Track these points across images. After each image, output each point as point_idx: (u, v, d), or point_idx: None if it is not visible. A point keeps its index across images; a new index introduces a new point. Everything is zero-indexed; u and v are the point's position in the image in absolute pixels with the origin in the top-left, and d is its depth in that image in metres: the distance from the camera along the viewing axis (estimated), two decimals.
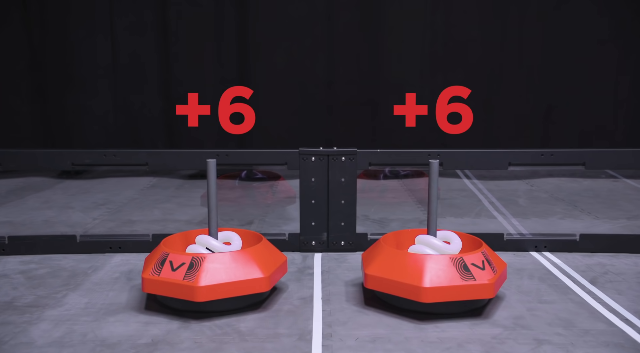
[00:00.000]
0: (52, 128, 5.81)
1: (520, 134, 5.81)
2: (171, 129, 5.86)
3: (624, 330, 2.34)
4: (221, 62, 5.74)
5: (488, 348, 2.19)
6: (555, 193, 4.97)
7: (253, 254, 2.53)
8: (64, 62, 5.62)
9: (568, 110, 5.74)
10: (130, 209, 4.48)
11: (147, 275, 2.48)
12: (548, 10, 5.64)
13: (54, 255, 3.26)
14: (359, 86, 5.79)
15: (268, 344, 2.22)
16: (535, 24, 5.70)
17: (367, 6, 5.71)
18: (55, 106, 5.75)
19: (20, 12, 5.53)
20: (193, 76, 5.74)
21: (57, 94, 5.71)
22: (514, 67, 5.78)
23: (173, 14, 5.64)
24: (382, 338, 2.27)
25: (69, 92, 5.70)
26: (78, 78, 5.68)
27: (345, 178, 3.28)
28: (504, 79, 5.80)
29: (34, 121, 5.71)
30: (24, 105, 5.63)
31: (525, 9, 5.69)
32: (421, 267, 2.41)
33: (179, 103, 2.87)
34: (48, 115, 5.78)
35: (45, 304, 2.60)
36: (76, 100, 5.69)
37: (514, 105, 5.79)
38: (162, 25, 5.68)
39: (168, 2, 5.62)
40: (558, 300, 2.65)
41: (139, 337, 2.28)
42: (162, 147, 5.72)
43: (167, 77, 5.77)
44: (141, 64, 5.74)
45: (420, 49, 5.77)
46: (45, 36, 5.62)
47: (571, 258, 3.24)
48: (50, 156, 3.30)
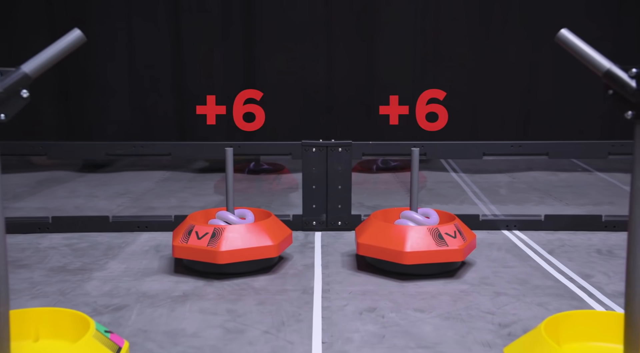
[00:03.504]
0: (74, 126, 6.32)
1: (502, 135, 6.30)
2: (183, 128, 6.38)
3: (567, 285, 2.86)
4: (229, 65, 6.25)
5: (456, 298, 2.71)
6: (533, 185, 5.48)
7: (264, 226, 3.05)
8: (85, 67, 6.13)
9: (546, 115, 6.24)
10: (149, 198, 4.99)
11: (177, 243, 3.00)
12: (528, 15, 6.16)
13: (91, 233, 3.78)
14: (356, 88, 6.30)
15: (278, 296, 2.74)
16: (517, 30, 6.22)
17: (363, 14, 6.23)
18: (77, 106, 6.27)
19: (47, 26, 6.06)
20: (203, 78, 6.26)
21: (78, 95, 6.23)
22: (499, 71, 6.28)
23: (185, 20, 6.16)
24: (370, 292, 2.79)
25: (90, 94, 6.22)
26: (98, 81, 6.20)
27: (341, 167, 3.80)
28: (489, 82, 6.30)
29: (59, 119, 6.23)
30: (50, 106, 6.15)
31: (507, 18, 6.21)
32: (403, 235, 2.93)
33: (192, 102, 3.35)
34: (70, 114, 6.30)
35: (92, 268, 3.12)
36: (97, 101, 6.21)
37: (498, 106, 6.30)
38: (175, 31, 6.19)
39: (180, 8, 6.13)
40: (518, 265, 3.17)
41: (173, 291, 2.80)
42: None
43: (179, 80, 6.28)
44: (156, 67, 6.25)
45: (412, 52, 6.29)
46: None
47: (536, 235, 3.76)
48: (88, 147, 3.82)
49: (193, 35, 6.21)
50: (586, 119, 6.20)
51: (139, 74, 6.25)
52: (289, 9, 6.17)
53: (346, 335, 2.32)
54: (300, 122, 6.21)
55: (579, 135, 5.99)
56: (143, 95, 6.29)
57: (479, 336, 2.31)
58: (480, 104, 6.28)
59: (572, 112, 6.23)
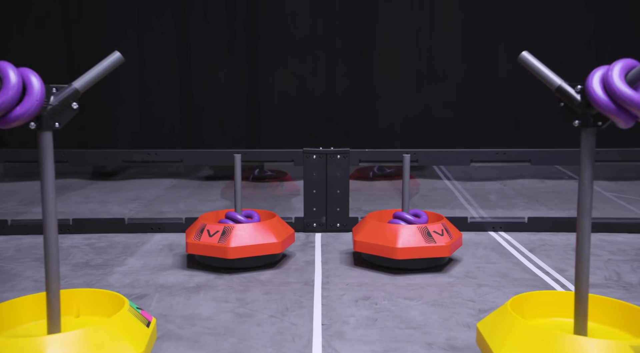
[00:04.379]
0: (87, 135, 6.65)
1: (492, 142, 6.63)
2: (190, 138, 6.70)
3: (543, 278, 3.17)
4: (233, 77, 6.59)
5: (442, 289, 3.01)
6: (521, 191, 5.80)
7: (269, 225, 3.36)
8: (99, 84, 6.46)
9: (532, 124, 6.56)
10: (159, 203, 5.30)
11: (190, 240, 3.31)
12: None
13: (108, 234, 4.09)
14: (354, 100, 6.64)
15: (282, 287, 3.04)
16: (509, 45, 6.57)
17: (360, 31, 6.58)
18: (89, 117, 6.60)
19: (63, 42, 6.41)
20: (209, 91, 6.59)
21: (90, 107, 6.57)
22: (489, 84, 6.62)
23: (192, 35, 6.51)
24: (365, 284, 3.09)
25: (103, 105, 6.55)
26: (109, 93, 6.53)
27: (340, 173, 4.11)
28: (479, 95, 6.64)
29: (73, 130, 6.56)
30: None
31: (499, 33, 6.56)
32: (396, 233, 3.24)
33: (197, 114, 3.62)
34: (81, 125, 6.63)
35: (113, 264, 3.43)
36: (109, 112, 6.54)
37: (488, 117, 6.63)
38: (182, 47, 6.54)
39: (187, 24, 6.48)
40: (501, 262, 3.47)
41: (187, 283, 3.10)
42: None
43: (186, 91, 6.62)
44: (164, 81, 6.59)
45: (407, 66, 6.62)
46: (82, 59, 6.49)
47: (520, 235, 4.07)
48: (106, 155, 4.14)
49: (200, 50, 6.54)
50: (570, 128, 6.51)
51: (147, 86, 6.58)
52: (290, 25, 6.52)
53: (343, 319, 2.62)
54: (302, 131, 6.53)
55: (564, 143, 6.31)
56: (152, 107, 6.61)
57: (460, 319, 2.61)
58: (471, 114, 6.61)
59: (557, 122, 6.55)
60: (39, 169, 1.88)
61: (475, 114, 6.62)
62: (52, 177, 1.89)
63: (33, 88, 1.77)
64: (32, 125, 1.84)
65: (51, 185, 1.89)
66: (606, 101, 1.75)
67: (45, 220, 1.90)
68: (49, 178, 1.88)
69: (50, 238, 1.91)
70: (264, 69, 6.56)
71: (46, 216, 1.90)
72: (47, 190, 1.89)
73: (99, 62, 1.94)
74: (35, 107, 1.78)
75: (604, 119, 1.83)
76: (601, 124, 1.84)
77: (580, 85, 1.84)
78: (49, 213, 1.90)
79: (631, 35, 6.44)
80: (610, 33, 6.48)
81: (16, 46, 6.33)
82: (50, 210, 1.90)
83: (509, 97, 6.49)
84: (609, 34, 6.50)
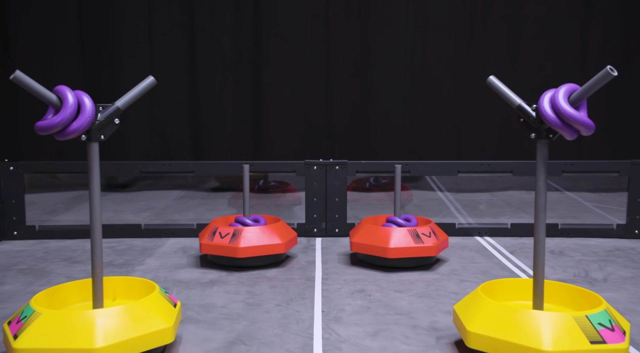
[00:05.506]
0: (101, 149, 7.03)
1: (481, 156, 7.01)
2: (197, 152, 7.10)
3: (520, 275, 3.54)
4: (238, 95, 7.01)
5: (429, 283, 3.39)
6: (509, 201, 6.18)
7: (274, 228, 3.74)
8: (112, 98, 6.88)
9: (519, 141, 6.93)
10: (170, 212, 5.68)
11: (204, 241, 3.68)
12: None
13: (126, 238, 4.47)
14: (352, 115, 7.05)
15: (286, 282, 3.42)
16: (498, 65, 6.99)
17: (358, 51, 7.01)
18: None
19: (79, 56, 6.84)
20: (216, 107, 7.01)
21: None
22: (480, 102, 7.02)
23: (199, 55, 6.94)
24: (361, 280, 3.47)
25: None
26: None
27: (338, 182, 4.50)
28: (470, 112, 7.04)
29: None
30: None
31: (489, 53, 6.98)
32: (388, 235, 3.62)
33: (204, 129, 3.93)
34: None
35: (133, 263, 3.80)
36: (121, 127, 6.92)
37: (478, 132, 7.03)
38: (190, 65, 6.96)
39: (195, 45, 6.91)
40: (483, 262, 3.85)
41: (201, 279, 3.48)
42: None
43: (194, 108, 7.02)
44: (173, 97, 7.01)
45: (402, 85, 7.04)
46: (98, 75, 6.91)
47: (503, 240, 4.45)
48: (124, 166, 4.53)
49: (207, 69, 6.96)
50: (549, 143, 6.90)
51: (157, 104, 6.99)
52: (292, 46, 6.95)
53: (340, 307, 3.00)
54: (303, 144, 6.94)
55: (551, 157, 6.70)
56: (162, 123, 7.02)
57: (443, 307, 2.98)
58: (462, 129, 7.01)
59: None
60: (88, 172, 2.27)
61: (466, 130, 7.01)
62: (97, 178, 2.28)
63: (86, 107, 2.17)
64: (83, 137, 2.23)
65: (97, 184, 2.28)
66: (554, 118, 2.14)
67: (92, 215, 2.28)
68: (95, 179, 2.27)
69: (96, 231, 2.30)
70: (267, 87, 6.96)
71: (93, 213, 2.28)
72: (93, 188, 2.28)
73: (136, 85, 2.32)
74: (87, 122, 2.17)
75: (554, 132, 2.22)
76: (552, 136, 2.23)
77: (535, 104, 2.23)
78: (95, 211, 2.29)
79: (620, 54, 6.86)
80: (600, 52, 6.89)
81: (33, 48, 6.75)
82: (96, 208, 2.28)
83: (498, 114, 6.88)
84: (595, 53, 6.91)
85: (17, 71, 2.04)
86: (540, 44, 6.89)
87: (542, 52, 6.88)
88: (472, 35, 6.93)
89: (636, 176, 4.40)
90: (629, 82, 6.71)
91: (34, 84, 2.08)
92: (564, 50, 6.88)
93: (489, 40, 6.91)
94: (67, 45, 6.80)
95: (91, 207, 2.30)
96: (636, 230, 4.42)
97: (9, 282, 3.40)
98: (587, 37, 6.89)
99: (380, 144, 6.93)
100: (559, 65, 6.86)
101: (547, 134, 2.24)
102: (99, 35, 6.85)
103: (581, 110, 2.14)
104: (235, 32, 6.91)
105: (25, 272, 3.62)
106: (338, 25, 6.94)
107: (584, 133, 2.14)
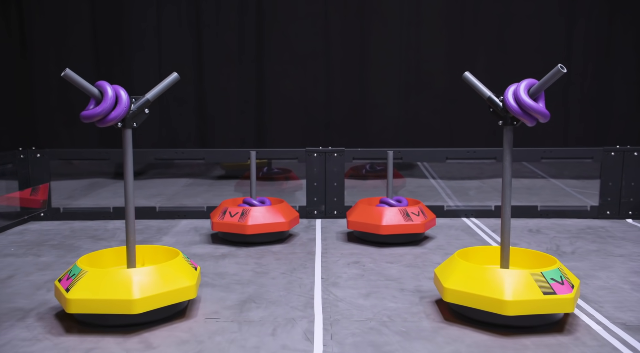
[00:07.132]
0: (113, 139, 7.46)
1: (472, 146, 7.41)
2: (204, 142, 7.50)
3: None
4: (242, 88, 7.41)
5: (417, 256, 3.80)
6: (497, 188, 6.59)
7: (278, 208, 4.16)
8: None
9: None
10: (179, 198, 6.10)
11: (215, 220, 4.10)
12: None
13: (142, 220, 4.88)
14: (349, 107, 7.45)
15: (290, 255, 3.84)
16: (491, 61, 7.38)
17: (356, 46, 7.40)
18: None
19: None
20: (220, 100, 7.41)
21: None
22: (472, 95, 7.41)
23: (207, 58, 7.34)
24: (356, 253, 3.89)
25: None
26: None
27: (336, 168, 4.91)
28: (462, 103, 7.44)
29: (101, 136, 7.37)
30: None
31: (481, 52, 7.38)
32: (381, 214, 4.03)
33: (210, 120, 4.26)
34: (109, 129, 7.43)
35: (152, 240, 4.22)
36: None
37: (469, 123, 7.43)
38: (197, 60, 7.35)
39: (202, 41, 7.31)
40: (467, 239, 4.27)
41: (213, 253, 3.90)
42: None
43: (200, 100, 7.42)
44: (179, 91, 7.40)
45: (397, 78, 7.44)
46: (109, 69, 7.31)
47: (487, 220, 4.87)
48: (142, 153, 4.95)
49: (212, 63, 7.36)
50: (529, 130, 7.34)
51: (165, 97, 7.37)
52: (293, 42, 7.34)
53: (337, 275, 3.41)
54: (304, 134, 7.35)
55: (526, 144, 7.13)
56: (169, 115, 7.42)
57: (428, 275, 3.40)
58: (454, 121, 7.42)
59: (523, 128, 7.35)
60: (123, 154, 2.68)
61: (457, 121, 7.42)
62: (131, 159, 2.69)
63: (122, 99, 2.58)
64: (119, 125, 2.64)
65: (130, 164, 2.69)
66: (516, 108, 2.55)
67: (126, 192, 2.69)
68: (128, 160, 2.68)
69: (129, 205, 2.71)
70: (270, 80, 7.36)
71: (127, 189, 2.70)
72: (127, 168, 2.69)
73: (162, 80, 2.72)
74: (124, 112, 2.58)
75: (517, 120, 2.63)
76: (515, 123, 2.64)
77: (502, 96, 2.64)
78: (128, 188, 2.70)
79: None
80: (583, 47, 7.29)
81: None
82: (129, 185, 2.69)
83: (487, 107, 7.27)
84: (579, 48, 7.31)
85: (67, 69, 2.45)
86: (528, 39, 7.28)
87: (530, 47, 7.28)
88: (463, 31, 7.33)
89: (607, 162, 4.82)
90: (612, 75, 7.11)
91: (80, 80, 2.49)
92: (550, 45, 7.28)
93: (479, 36, 7.30)
94: (80, 40, 7.20)
95: (125, 185, 2.71)
96: (607, 211, 4.85)
97: (44, 255, 3.83)
98: (571, 33, 7.28)
99: (376, 134, 7.33)
100: (546, 59, 7.26)
101: (512, 122, 2.65)
102: (110, 32, 7.25)
103: (539, 101, 2.55)
104: (239, 29, 7.30)
105: (56, 247, 4.04)
106: (337, 22, 7.34)
107: (541, 120, 2.55)
